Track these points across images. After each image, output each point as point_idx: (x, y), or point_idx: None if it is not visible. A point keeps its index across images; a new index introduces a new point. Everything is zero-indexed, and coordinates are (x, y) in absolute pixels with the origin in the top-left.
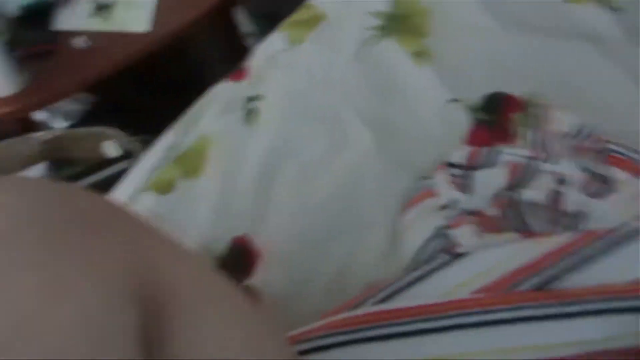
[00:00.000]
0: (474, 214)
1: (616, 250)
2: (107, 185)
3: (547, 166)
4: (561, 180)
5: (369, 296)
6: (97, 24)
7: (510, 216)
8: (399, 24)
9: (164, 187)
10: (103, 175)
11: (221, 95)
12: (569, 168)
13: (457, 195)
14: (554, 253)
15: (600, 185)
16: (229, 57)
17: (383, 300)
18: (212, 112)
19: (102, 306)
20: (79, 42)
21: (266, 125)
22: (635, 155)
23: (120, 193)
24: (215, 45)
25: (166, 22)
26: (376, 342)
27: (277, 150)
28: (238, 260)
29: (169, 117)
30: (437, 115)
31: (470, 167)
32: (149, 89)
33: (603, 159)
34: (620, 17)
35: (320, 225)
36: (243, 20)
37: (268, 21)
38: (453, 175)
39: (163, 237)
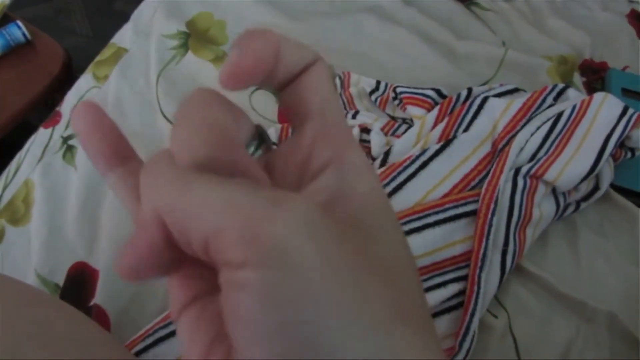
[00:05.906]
0: None
1: (418, 173)
2: None
3: (351, 121)
4: (367, 130)
5: None
6: None
7: None
8: (196, 40)
9: None
10: None
11: (37, 142)
12: (368, 117)
13: None
14: None
15: (401, 125)
16: None
17: None
18: (30, 159)
19: None
20: None
21: (83, 158)
22: (427, 92)
23: None
24: None
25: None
26: None
27: (97, 178)
28: (78, 284)
29: None
30: (245, 104)
31: (282, 141)
32: None
33: (400, 104)
34: None
35: None
36: None
37: None
38: None
39: None
